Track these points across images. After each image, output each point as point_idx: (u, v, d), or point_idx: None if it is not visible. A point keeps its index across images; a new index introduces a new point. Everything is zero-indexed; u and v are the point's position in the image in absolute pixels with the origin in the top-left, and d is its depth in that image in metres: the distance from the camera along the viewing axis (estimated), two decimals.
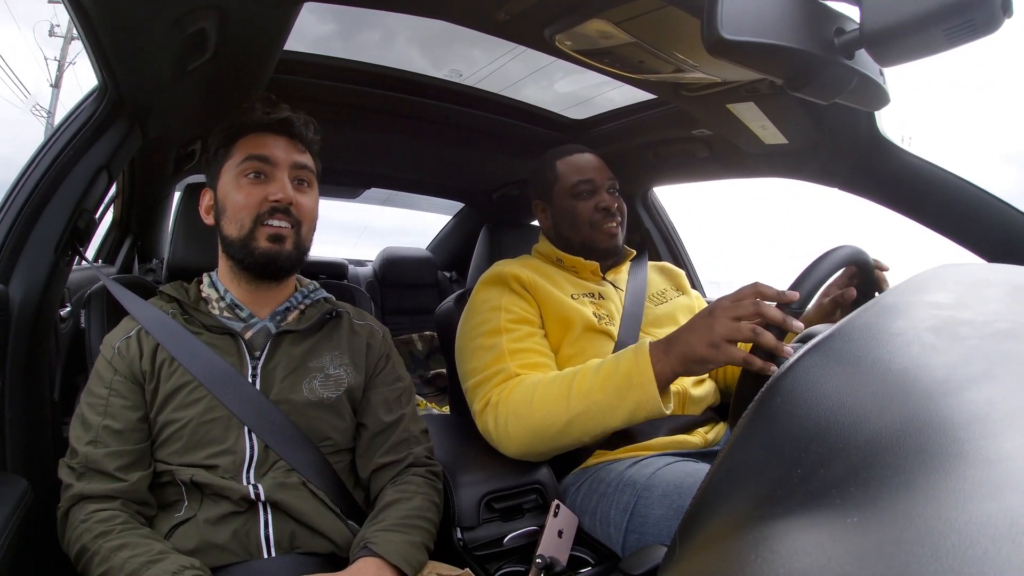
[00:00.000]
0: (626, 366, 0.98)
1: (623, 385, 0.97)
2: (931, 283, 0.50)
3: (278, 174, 0.98)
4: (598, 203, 1.33)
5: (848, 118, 1.25)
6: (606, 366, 1.01)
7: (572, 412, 1.00)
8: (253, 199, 0.96)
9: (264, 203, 0.96)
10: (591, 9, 0.97)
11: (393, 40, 1.45)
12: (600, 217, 1.33)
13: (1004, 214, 1.19)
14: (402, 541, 0.86)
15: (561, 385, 1.03)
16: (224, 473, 0.89)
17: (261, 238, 0.96)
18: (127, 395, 0.91)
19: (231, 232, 0.97)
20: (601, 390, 0.99)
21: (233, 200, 0.97)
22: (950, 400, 0.33)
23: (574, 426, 1.01)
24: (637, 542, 1.03)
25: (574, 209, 1.34)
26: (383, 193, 2.87)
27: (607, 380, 0.99)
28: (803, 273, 0.92)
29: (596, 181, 1.34)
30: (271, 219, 0.96)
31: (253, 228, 0.96)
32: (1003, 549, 0.21)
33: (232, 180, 0.98)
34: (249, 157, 0.97)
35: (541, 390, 1.05)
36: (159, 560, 0.77)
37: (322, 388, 0.98)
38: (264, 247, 0.96)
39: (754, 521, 0.33)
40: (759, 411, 0.42)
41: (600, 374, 1.01)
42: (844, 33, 0.75)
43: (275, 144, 0.99)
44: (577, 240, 1.35)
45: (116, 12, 0.88)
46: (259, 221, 0.96)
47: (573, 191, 1.34)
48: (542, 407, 1.03)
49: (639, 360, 0.97)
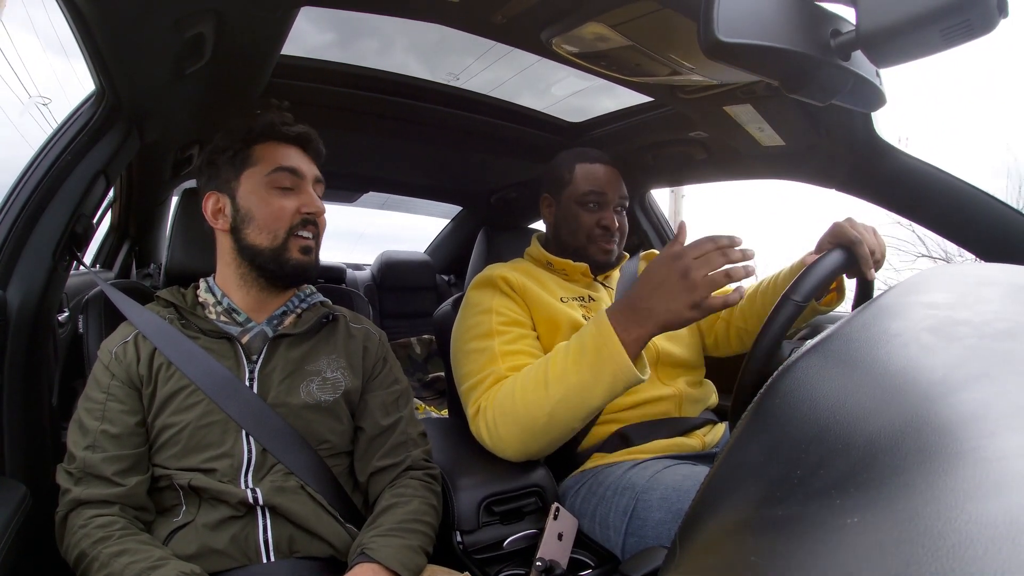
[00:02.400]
0: (592, 342, 0.97)
1: (594, 361, 0.96)
2: (929, 283, 0.50)
3: (306, 187, 1.01)
4: (601, 219, 1.32)
5: (845, 119, 1.26)
6: (573, 346, 1.00)
7: (553, 400, 0.99)
8: (287, 211, 0.98)
9: (296, 215, 0.98)
10: (588, 12, 0.98)
11: (391, 48, 1.46)
12: (600, 234, 1.33)
13: (1001, 214, 1.19)
14: (400, 545, 0.86)
15: (537, 376, 1.03)
16: (222, 477, 0.88)
17: (294, 249, 0.98)
18: (124, 400, 0.90)
19: (261, 242, 0.98)
20: (575, 371, 0.98)
21: (265, 210, 0.97)
22: (948, 400, 0.33)
23: (559, 413, 1.00)
24: (637, 545, 1.03)
25: (578, 218, 1.34)
26: (380, 197, 2.87)
27: (578, 360, 0.98)
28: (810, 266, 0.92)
29: (607, 196, 1.33)
30: (303, 231, 0.99)
31: (286, 240, 0.98)
32: (1002, 548, 0.21)
33: (261, 189, 0.98)
34: (280, 168, 0.99)
35: (519, 385, 1.05)
36: (159, 566, 0.77)
37: (319, 391, 0.98)
38: (297, 258, 0.99)
39: (754, 522, 0.33)
40: (758, 413, 0.42)
41: (570, 355, 0.99)
42: (840, 35, 0.75)
43: (297, 157, 1.02)
44: (572, 246, 1.35)
45: (113, 17, 0.88)
46: (292, 232, 0.98)
47: (582, 199, 1.34)
48: (523, 402, 1.03)
49: (602, 332, 0.96)
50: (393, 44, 1.44)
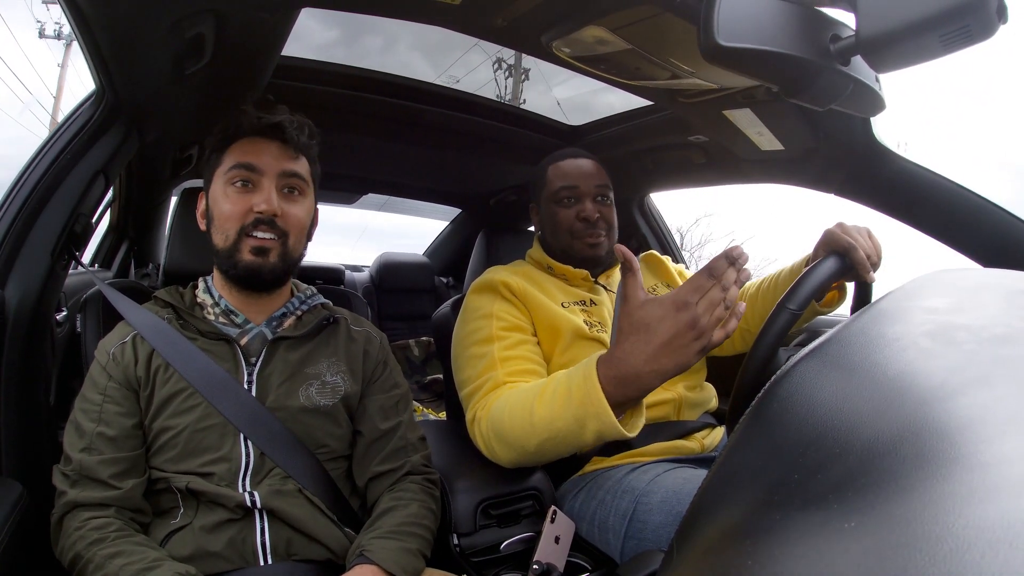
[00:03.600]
0: (578, 395, 0.90)
1: (580, 415, 0.90)
2: (927, 288, 0.50)
3: (264, 183, 0.95)
4: (579, 212, 1.29)
5: (844, 124, 1.26)
6: (560, 392, 0.94)
7: (540, 437, 0.96)
8: (238, 209, 0.94)
9: (249, 214, 0.93)
10: (588, 16, 0.98)
11: (395, 46, 1.46)
12: (581, 227, 1.29)
13: (1000, 219, 1.19)
14: (398, 548, 0.86)
15: (524, 409, 0.98)
16: (220, 480, 0.88)
17: (245, 250, 0.94)
18: (121, 401, 0.90)
19: (217, 241, 0.96)
20: (561, 418, 0.93)
21: (220, 209, 0.95)
22: (947, 405, 0.33)
23: (547, 448, 0.97)
24: (636, 548, 1.03)
25: (555, 216, 1.31)
26: (380, 198, 2.87)
27: (564, 408, 0.92)
28: (805, 273, 0.91)
29: (580, 188, 1.29)
30: (255, 230, 0.94)
31: (237, 239, 0.94)
32: (1000, 553, 0.21)
33: (220, 188, 0.96)
34: (236, 165, 0.94)
35: (509, 410, 1.01)
36: (154, 568, 0.77)
37: (319, 395, 0.97)
38: (247, 260, 0.94)
39: (751, 526, 0.33)
40: (756, 416, 0.42)
41: (557, 401, 0.94)
42: (840, 40, 0.75)
43: (266, 150, 0.95)
44: (558, 247, 1.33)
45: (114, 16, 0.88)
46: (243, 232, 0.94)
47: (555, 197, 1.31)
48: (511, 429, 1.00)
49: (589, 389, 0.89)
50: (397, 42, 1.45)
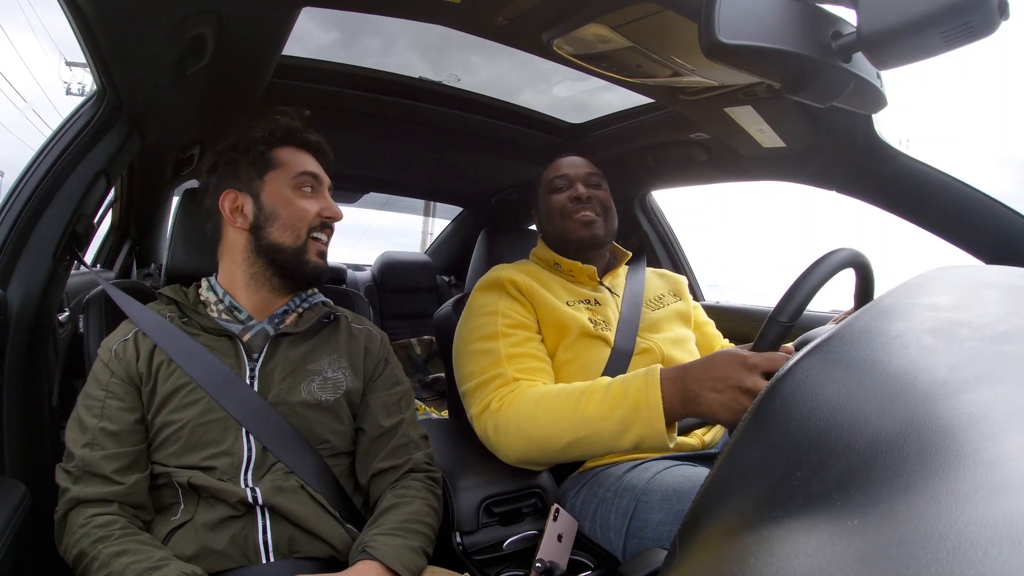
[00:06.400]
0: (634, 398, 0.95)
1: (630, 417, 0.94)
2: (929, 285, 0.50)
3: (324, 191, 1.06)
4: (570, 194, 1.36)
5: (846, 121, 1.26)
6: (614, 391, 0.98)
7: (576, 435, 0.99)
8: (310, 212, 1.01)
9: (317, 218, 1.02)
10: (589, 14, 0.98)
11: (393, 46, 1.46)
12: (572, 206, 1.34)
13: (1002, 216, 1.19)
14: (401, 545, 0.86)
15: (566, 405, 1.01)
16: (221, 475, 0.88)
17: (312, 252, 1.02)
18: (123, 397, 0.90)
19: (284, 240, 1.00)
20: (608, 418, 0.96)
21: (289, 211, 1.00)
22: (949, 402, 0.33)
23: (575, 447, 1.01)
24: (637, 546, 1.03)
25: (550, 203, 1.38)
26: (382, 197, 2.88)
27: (614, 408, 0.96)
28: (795, 283, 0.88)
29: (570, 175, 1.38)
30: (320, 233, 1.03)
31: (307, 241, 1.01)
32: (1003, 550, 0.21)
33: (287, 191, 1.01)
34: (305, 173, 1.03)
35: (545, 405, 1.04)
36: (160, 567, 0.77)
37: (320, 391, 0.98)
38: (315, 262, 1.03)
39: (754, 524, 0.33)
40: (759, 414, 0.42)
41: (608, 399, 0.98)
42: (841, 36, 0.75)
43: (311, 162, 1.05)
44: (555, 233, 1.38)
45: (115, 17, 0.88)
46: (310, 233, 1.02)
47: (549, 187, 1.40)
48: (545, 423, 1.02)
49: (649, 392, 0.94)
50: (396, 42, 1.45)
